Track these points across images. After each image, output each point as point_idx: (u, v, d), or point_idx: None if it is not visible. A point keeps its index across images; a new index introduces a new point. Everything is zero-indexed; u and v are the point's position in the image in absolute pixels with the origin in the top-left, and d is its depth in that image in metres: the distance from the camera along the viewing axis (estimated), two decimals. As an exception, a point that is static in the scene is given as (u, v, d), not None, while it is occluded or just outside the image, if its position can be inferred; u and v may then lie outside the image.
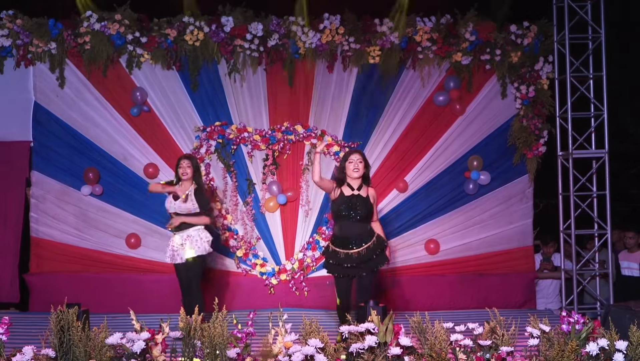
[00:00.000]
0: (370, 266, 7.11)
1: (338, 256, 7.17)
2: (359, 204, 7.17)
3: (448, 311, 9.20)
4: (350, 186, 7.26)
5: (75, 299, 5.57)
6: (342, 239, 7.20)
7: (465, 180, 9.84)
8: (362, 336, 5.09)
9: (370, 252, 7.11)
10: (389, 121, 9.84)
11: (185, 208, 8.00)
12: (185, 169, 8.08)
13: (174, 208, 8.03)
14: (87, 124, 9.63)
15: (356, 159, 7.25)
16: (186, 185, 8.09)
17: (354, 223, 7.17)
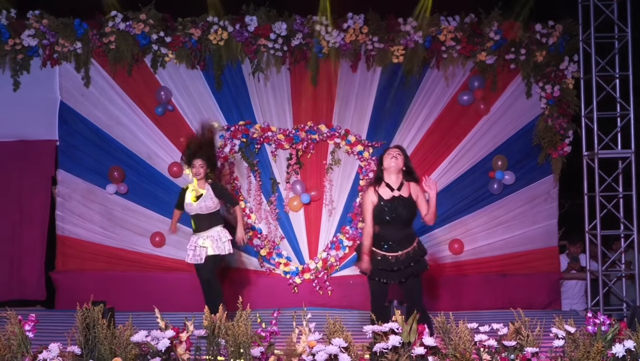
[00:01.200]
0: (411, 272, 6.75)
1: (375, 258, 6.76)
2: (400, 207, 6.73)
3: (472, 311, 9.16)
4: (389, 186, 6.79)
5: (100, 297, 5.61)
6: (380, 241, 6.77)
7: (489, 180, 9.80)
8: (386, 336, 5.08)
9: (409, 258, 6.74)
10: (412, 121, 9.82)
11: (207, 207, 8.01)
12: (199, 169, 8.04)
13: (196, 209, 8.03)
14: (112, 123, 9.70)
15: (395, 152, 6.80)
16: (201, 185, 8.09)
17: (395, 227, 6.75)
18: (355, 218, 9.65)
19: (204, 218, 8.03)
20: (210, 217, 8.05)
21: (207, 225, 8.03)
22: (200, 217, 8.03)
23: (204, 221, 8.04)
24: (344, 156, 9.80)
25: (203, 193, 8.03)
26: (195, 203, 8.00)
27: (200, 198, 8.01)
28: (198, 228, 8.05)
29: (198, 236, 8.03)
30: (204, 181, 8.10)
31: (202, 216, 8.02)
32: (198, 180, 8.08)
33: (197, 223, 8.08)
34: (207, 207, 8.01)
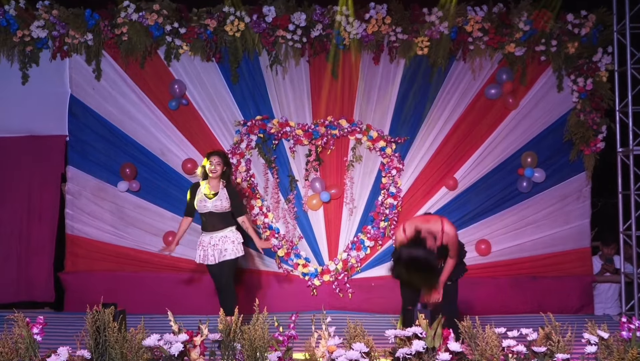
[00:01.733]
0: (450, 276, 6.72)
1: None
2: None
3: (500, 315, 9.12)
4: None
5: (111, 299, 5.64)
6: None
7: (518, 178, 9.75)
8: (409, 340, 5.07)
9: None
10: (437, 115, 9.79)
11: (222, 206, 8.02)
12: (216, 167, 8.04)
13: (209, 207, 8.02)
14: (123, 118, 9.72)
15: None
16: (214, 183, 8.10)
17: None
18: (377, 217, 9.63)
19: (217, 217, 8.03)
20: (224, 216, 8.06)
21: (221, 225, 8.04)
22: (214, 216, 8.02)
23: (218, 221, 8.04)
24: (366, 152, 9.78)
25: (218, 192, 8.04)
26: (211, 200, 8.00)
27: (215, 195, 8.02)
28: (211, 227, 8.05)
29: (210, 236, 8.03)
30: (218, 180, 8.10)
31: (216, 215, 8.02)
32: (212, 178, 8.09)
33: (209, 222, 8.06)
34: (223, 206, 8.02)
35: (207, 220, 8.08)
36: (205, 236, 8.06)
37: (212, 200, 7.99)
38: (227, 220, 8.08)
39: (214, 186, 8.07)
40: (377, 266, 9.64)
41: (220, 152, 8.26)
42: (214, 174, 8.05)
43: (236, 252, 8.00)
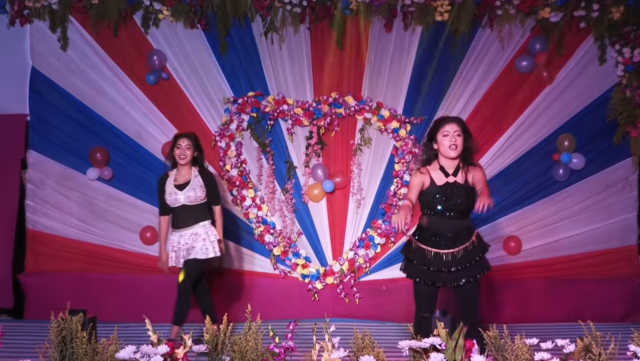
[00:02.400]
0: (468, 274, 6.61)
1: (424, 256, 6.63)
2: (457, 195, 6.58)
3: (532, 324, 9.14)
4: (443, 170, 6.65)
5: (79, 305, 5.62)
6: (430, 235, 6.65)
7: (553, 164, 9.76)
8: (427, 353, 5.07)
9: (467, 255, 6.61)
10: (459, 92, 9.79)
11: (196, 197, 8.02)
12: (184, 151, 8.03)
13: (181, 200, 8.02)
14: (94, 95, 9.72)
15: (452, 131, 6.57)
16: (185, 171, 8.10)
17: (449, 219, 6.61)
18: (389, 210, 9.64)
19: (190, 211, 8.04)
20: (197, 209, 8.07)
21: (192, 220, 8.03)
22: (187, 210, 8.03)
23: (190, 215, 8.03)
24: (376, 134, 9.79)
25: (190, 180, 8.04)
26: (182, 191, 7.99)
27: (187, 185, 8.02)
28: (181, 224, 8.04)
29: (180, 235, 8.04)
30: (189, 167, 8.11)
31: (189, 208, 8.03)
32: (182, 165, 8.08)
33: (180, 217, 8.06)
34: (197, 197, 8.02)
35: (178, 215, 8.07)
36: (175, 235, 8.07)
37: (183, 191, 7.99)
38: (201, 213, 8.07)
39: (184, 174, 8.08)
40: (388, 267, 9.66)
41: (189, 135, 8.22)
42: (184, 161, 8.04)
43: (205, 252, 7.96)
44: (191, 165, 8.09)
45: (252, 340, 5.09)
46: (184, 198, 7.96)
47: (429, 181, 6.62)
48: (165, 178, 8.13)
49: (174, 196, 7.99)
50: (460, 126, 6.61)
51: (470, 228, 6.69)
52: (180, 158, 8.02)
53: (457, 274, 6.57)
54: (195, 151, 8.11)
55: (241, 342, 5.10)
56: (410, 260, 6.72)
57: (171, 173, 8.13)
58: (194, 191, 7.97)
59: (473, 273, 6.58)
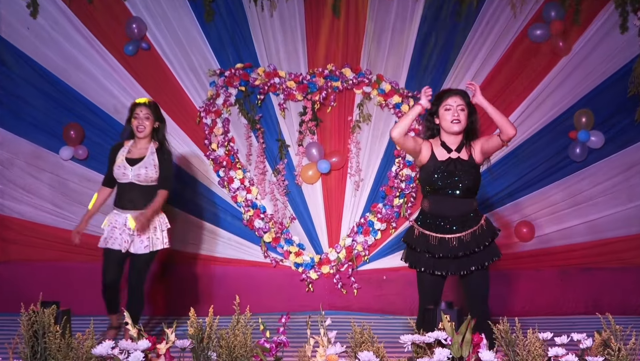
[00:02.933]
0: (478, 260, 6.58)
1: (428, 243, 6.61)
2: (460, 172, 6.59)
3: (545, 317, 9.17)
4: (445, 146, 6.68)
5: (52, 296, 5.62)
6: (434, 219, 6.63)
7: (569, 143, 9.76)
8: (431, 348, 5.08)
9: (475, 240, 6.58)
10: (467, 63, 9.79)
11: (146, 177, 7.73)
12: (143, 121, 7.76)
13: (129, 177, 7.71)
14: (67, 67, 9.71)
15: (455, 105, 6.62)
16: (143, 145, 7.85)
17: (453, 199, 6.60)
18: (390, 193, 9.64)
19: (139, 191, 7.73)
20: (148, 191, 7.76)
21: (142, 202, 7.68)
22: (135, 189, 7.73)
23: (139, 196, 7.72)
24: (376, 109, 9.80)
25: (145, 157, 7.79)
26: (132, 167, 7.71)
27: (139, 161, 7.75)
28: (127, 204, 7.71)
29: (126, 217, 7.69)
30: (148, 140, 7.86)
31: (138, 188, 7.72)
32: (140, 138, 7.82)
33: (126, 196, 7.76)
34: (147, 177, 7.72)
35: (124, 193, 7.78)
36: (119, 216, 7.74)
37: (134, 168, 7.71)
38: (150, 196, 7.75)
39: (140, 148, 7.82)
40: (389, 255, 9.67)
41: (148, 103, 7.92)
42: (142, 133, 7.78)
43: (156, 243, 7.74)
44: (151, 139, 7.84)
45: (240, 334, 5.10)
46: (133, 175, 7.68)
47: (429, 154, 6.64)
48: (119, 148, 7.85)
49: (122, 170, 7.71)
50: (464, 99, 6.64)
51: (477, 211, 6.69)
52: (138, 130, 7.75)
53: (465, 262, 6.56)
54: (155, 121, 7.83)
55: (229, 337, 5.11)
56: (413, 248, 6.70)
57: (127, 143, 7.86)
58: (145, 170, 7.69)
59: (482, 260, 6.56)
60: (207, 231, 9.66)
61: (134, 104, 7.88)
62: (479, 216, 6.67)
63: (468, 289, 6.67)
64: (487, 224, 6.65)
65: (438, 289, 6.67)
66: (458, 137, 6.66)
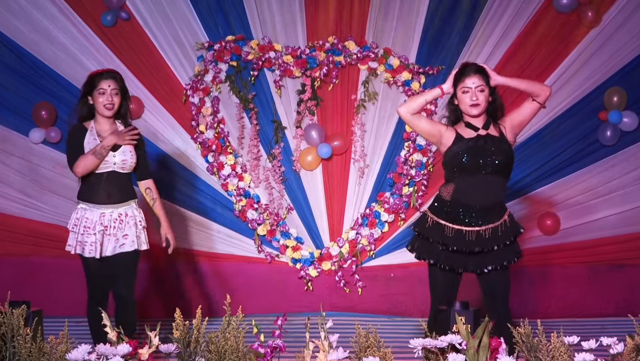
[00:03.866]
0: (496, 259, 6.52)
1: (443, 233, 6.54)
2: (492, 147, 6.50)
3: (571, 318, 9.21)
4: (471, 126, 6.60)
5: (22, 295, 5.65)
6: (454, 207, 6.54)
7: (600, 124, 9.78)
8: (444, 354, 5.11)
9: (496, 238, 6.51)
10: (485, 36, 9.79)
11: (126, 164, 7.16)
12: (111, 97, 7.08)
13: (115, 163, 7.08)
14: (38, 40, 9.72)
15: (474, 87, 6.51)
16: (108, 125, 7.19)
17: (483, 180, 6.48)
18: (399, 180, 9.65)
19: (118, 182, 7.15)
20: (127, 181, 7.25)
21: (121, 194, 7.16)
22: (114, 179, 7.13)
23: (118, 187, 7.16)
24: (383, 87, 9.82)
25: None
26: (115, 152, 7.09)
27: (118, 147, 7.11)
28: (104, 198, 7.10)
29: (101, 213, 7.08)
30: (112, 122, 7.22)
31: (117, 177, 7.13)
32: (106, 117, 7.15)
33: (104, 189, 7.12)
34: (131, 163, 7.17)
35: (99, 185, 7.12)
36: (93, 213, 7.12)
37: (117, 152, 7.07)
38: (129, 187, 7.26)
39: (107, 130, 7.14)
40: (397, 250, 9.69)
41: (114, 74, 7.22)
42: (111, 111, 7.12)
43: (141, 241, 7.21)
44: (114, 118, 7.21)
45: (231, 337, 5.12)
46: (119, 161, 7.07)
47: (454, 136, 6.56)
48: (83, 131, 7.15)
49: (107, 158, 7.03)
50: (484, 78, 6.56)
51: (502, 204, 6.63)
52: (106, 108, 7.04)
53: (481, 259, 6.51)
54: (121, 97, 7.16)
55: (218, 341, 5.13)
56: (425, 237, 6.63)
57: (88, 125, 7.17)
58: (130, 155, 7.13)
59: (501, 260, 6.50)
60: (194, 223, 9.69)
61: (95, 76, 7.14)
62: (503, 209, 6.61)
63: (486, 289, 6.63)
64: (510, 220, 6.58)
65: (452, 287, 6.62)
66: (482, 117, 6.60)
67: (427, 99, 6.69)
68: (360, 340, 5.20)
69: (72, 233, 7.17)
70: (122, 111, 7.19)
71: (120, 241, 7.08)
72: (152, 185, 7.39)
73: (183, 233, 9.61)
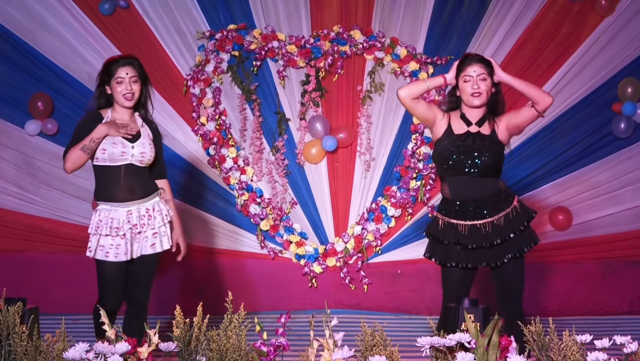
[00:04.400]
0: (513, 247, 6.48)
1: (457, 233, 6.50)
2: (479, 147, 6.47)
3: (584, 316, 9.21)
4: (465, 119, 6.58)
5: (18, 292, 5.65)
6: (460, 204, 6.52)
7: (613, 116, 9.77)
8: (452, 353, 5.11)
9: (510, 224, 6.47)
10: (495, 25, 9.79)
11: (150, 155, 6.79)
12: (131, 86, 6.70)
13: (133, 156, 6.69)
14: (34, 28, 9.72)
15: (476, 75, 6.49)
16: (125, 114, 6.81)
17: (472, 179, 6.47)
18: (406, 174, 9.64)
19: (138, 176, 6.77)
20: (146, 175, 6.87)
21: (143, 189, 6.79)
22: (133, 173, 6.74)
23: (138, 182, 6.78)
24: (390, 78, 9.82)
25: (139, 131, 6.81)
26: (134, 144, 6.72)
27: (137, 138, 6.77)
28: (126, 194, 6.69)
29: (128, 210, 6.69)
30: (131, 112, 6.85)
31: (136, 171, 6.75)
32: (125, 107, 6.78)
33: (124, 184, 6.71)
34: (150, 157, 6.79)
35: (117, 180, 6.72)
36: (117, 212, 6.69)
37: (136, 144, 6.72)
38: (149, 181, 6.88)
39: (128, 121, 6.80)
40: (404, 246, 9.70)
41: (133, 60, 6.85)
42: (131, 101, 6.74)
43: (163, 240, 6.83)
44: (133, 112, 6.86)
45: (233, 336, 5.12)
46: (137, 153, 6.70)
47: (445, 127, 6.57)
48: (98, 120, 6.72)
49: (121, 149, 6.64)
50: (486, 67, 6.53)
51: (507, 191, 6.61)
52: (125, 98, 6.67)
53: (500, 250, 6.47)
54: (142, 85, 6.81)
55: (220, 339, 5.14)
56: (440, 240, 6.58)
57: (105, 113, 6.77)
58: (149, 147, 6.78)
59: (518, 247, 6.46)
60: (195, 218, 9.69)
61: (111, 64, 6.73)
62: (510, 196, 6.59)
63: (501, 283, 6.60)
64: (520, 206, 6.56)
65: (467, 284, 6.60)
66: (480, 110, 6.57)
67: (429, 86, 6.63)
68: (366, 338, 5.20)
69: (94, 237, 6.64)
70: (142, 100, 6.81)
71: (149, 240, 6.71)
72: (166, 186, 6.98)
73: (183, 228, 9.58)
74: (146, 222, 6.67)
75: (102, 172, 6.68)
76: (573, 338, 5.19)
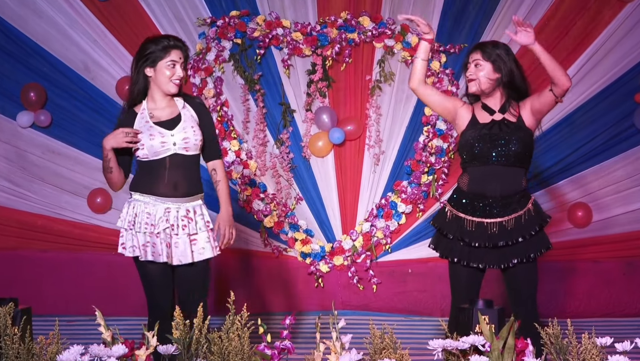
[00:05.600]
0: (521, 252, 6.48)
1: (462, 228, 6.53)
2: (507, 134, 6.45)
3: (604, 318, 9.21)
4: (487, 108, 6.60)
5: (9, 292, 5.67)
6: (472, 198, 6.54)
7: (635, 107, 9.76)
8: (465, 356, 5.12)
9: (520, 228, 6.48)
10: (512, 10, 9.74)
11: (194, 143, 6.41)
12: (178, 70, 6.40)
13: (171, 146, 6.33)
14: (26, 15, 9.72)
15: (472, 62, 6.55)
16: (165, 103, 6.51)
17: (498, 170, 6.46)
18: (417, 168, 9.64)
19: (183, 167, 6.43)
20: (193, 167, 6.51)
21: (188, 186, 6.45)
22: (178, 165, 6.41)
23: (184, 175, 6.44)
24: (400, 67, 9.82)
25: (179, 115, 6.48)
26: (175, 130, 6.41)
27: (177, 124, 6.45)
28: (169, 189, 6.37)
29: (166, 208, 6.35)
30: (170, 98, 6.52)
31: (182, 161, 6.41)
32: (172, 93, 6.48)
33: (167, 177, 6.39)
34: (196, 141, 6.43)
35: (159, 173, 6.40)
36: (155, 207, 6.38)
37: (175, 130, 6.40)
38: (197, 178, 6.55)
39: (164, 107, 6.49)
40: (415, 244, 9.71)
41: (181, 44, 6.51)
42: (177, 88, 6.46)
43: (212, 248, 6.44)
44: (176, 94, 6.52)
45: (236, 338, 5.14)
46: (179, 140, 6.37)
47: (469, 117, 6.60)
48: (132, 115, 6.47)
49: (160, 139, 6.34)
50: (484, 52, 6.53)
51: (525, 192, 6.60)
52: (175, 84, 6.40)
53: (506, 253, 6.48)
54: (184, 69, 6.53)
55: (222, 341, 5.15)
56: (445, 234, 6.63)
57: (139, 109, 6.48)
58: (192, 132, 6.42)
59: (527, 252, 6.46)
60: (196, 214, 9.70)
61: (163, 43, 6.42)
62: (526, 198, 6.58)
63: (511, 285, 6.61)
64: (535, 209, 6.55)
65: (475, 284, 6.62)
66: (497, 97, 6.58)
67: (421, 57, 6.54)
68: (375, 340, 5.21)
69: (127, 232, 6.36)
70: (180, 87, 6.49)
71: (189, 246, 6.35)
72: (219, 166, 6.61)
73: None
74: (187, 224, 6.32)
75: (146, 166, 6.40)
76: (593, 341, 5.20)
